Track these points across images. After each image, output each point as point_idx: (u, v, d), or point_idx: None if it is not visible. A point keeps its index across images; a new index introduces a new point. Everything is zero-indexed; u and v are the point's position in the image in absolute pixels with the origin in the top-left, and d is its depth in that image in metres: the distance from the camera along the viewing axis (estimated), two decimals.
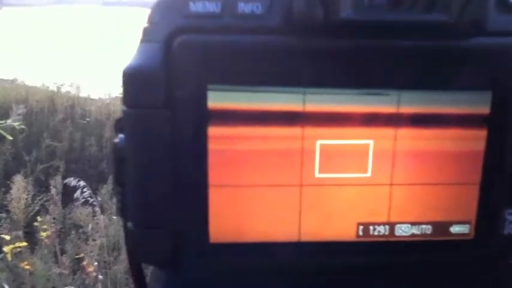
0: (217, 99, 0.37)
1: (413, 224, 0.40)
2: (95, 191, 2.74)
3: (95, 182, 3.02)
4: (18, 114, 3.33)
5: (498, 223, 0.41)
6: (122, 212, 0.42)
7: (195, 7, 0.36)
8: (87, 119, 3.96)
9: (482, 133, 0.39)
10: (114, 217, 2.58)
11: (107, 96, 4.37)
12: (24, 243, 2.41)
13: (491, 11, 0.36)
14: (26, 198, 2.71)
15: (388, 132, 0.38)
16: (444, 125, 0.39)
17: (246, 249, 0.40)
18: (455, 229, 0.41)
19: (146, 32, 0.37)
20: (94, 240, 2.45)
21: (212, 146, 0.38)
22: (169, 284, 0.43)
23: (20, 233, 2.56)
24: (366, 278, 0.42)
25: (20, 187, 2.69)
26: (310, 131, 0.38)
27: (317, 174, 0.39)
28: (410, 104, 0.38)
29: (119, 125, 0.43)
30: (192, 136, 0.38)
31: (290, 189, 0.39)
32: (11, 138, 2.65)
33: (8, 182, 2.81)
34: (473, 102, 0.38)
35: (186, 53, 0.36)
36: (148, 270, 0.48)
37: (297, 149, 0.38)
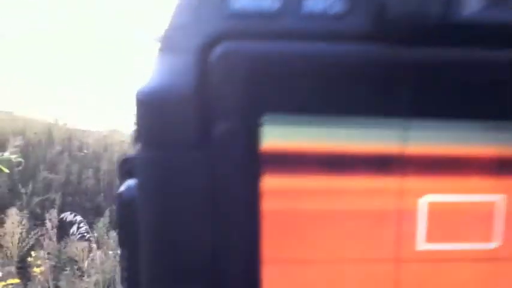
0: (275, 136, 0.24)
1: None
2: (91, 225, 2.64)
3: (92, 216, 2.93)
4: (15, 146, 3.24)
5: None
6: (129, 283, 0.28)
7: (242, 3, 0.23)
8: (85, 151, 3.85)
9: None
10: (110, 252, 2.48)
11: (104, 129, 4.27)
12: (17, 280, 2.31)
13: None
14: (21, 233, 2.62)
15: None
16: None
17: None
18: None
19: (169, 40, 0.24)
20: (89, 276, 2.35)
21: (267, 204, 0.25)
22: None
23: (13, 268, 2.45)
24: None
25: (14, 221, 2.61)
26: (412, 183, 0.25)
27: (421, 246, 0.26)
28: None
29: (126, 168, 0.30)
30: (238, 189, 0.24)
31: (381, 267, 0.26)
32: (7, 171, 2.53)
33: (2, 216, 2.71)
34: None
35: (229, 67, 0.23)
36: None
37: (393, 208, 0.25)
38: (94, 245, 2.45)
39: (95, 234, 2.55)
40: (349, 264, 0.26)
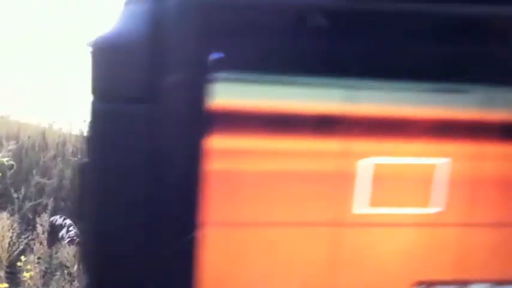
0: (223, 95, 0.24)
1: (495, 284, 0.27)
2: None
3: None
4: (9, 150, 3.25)
5: None
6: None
7: None
8: (79, 156, 3.85)
9: None
10: None
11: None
12: (6, 285, 2.29)
13: None
14: (11, 237, 2.57)
15: (472, 147, 0.25)
16: None
17: None
18: None
19: None
20: (80, 281, 2.34)
21: (211, 164, 0.25)
22: None
23: (2, 273, 2.42)
24: None
25: (4, 225, 2.58)
26: (352, 144, 0.25)
27: (360, 209, 0.26)
28: (507, 106, 0.25)
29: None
30: (182, 146, 0.25)
31: (319, 231, 0.26)
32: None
33: None
34: None
35: (184, 18, 0.23)
36: None
37: (332, 170, 0.25)
38: None
39: None
40: (288, 227, 0.26)
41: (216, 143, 0.25)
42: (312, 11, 0.24)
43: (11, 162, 2.71)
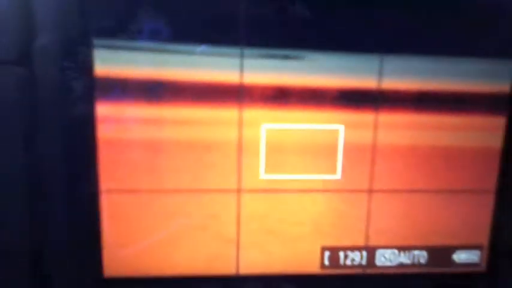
0: (107, 60, 0.24)
1: (400, 249, 0.28)
2: None
3: None
4: None
5: None
6: None
7: None
8: None
9: (500, 121, 0.27)
10: None
11: None
12: None
13: None
14: None
15: (365, 115, 0.26)
16: (445, 108, 0.27)
17: (156, 285, 0.27)
18: (459, 257, 0.28)
19: None
20: None
21: (101, 132, 0.25)
22: None
23: None
24: None
25: None
26: (251, 112, 0.25)
27: (262, 176, 0.26)
28: (397, 75, 0.26)
29: None
30: (62, 112, 0.24)
31: (223, 197, 0.26)
32: None
33: None
34: (489, 76, 0.26)
35: None
36: None
37: (233, 138, 0.26)
38: None
39: None
40: (189, 194, 0.26)
41: (103, 110, 0.25)
42: None
43: None
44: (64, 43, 0.23)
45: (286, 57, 0.25)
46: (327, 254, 0.28)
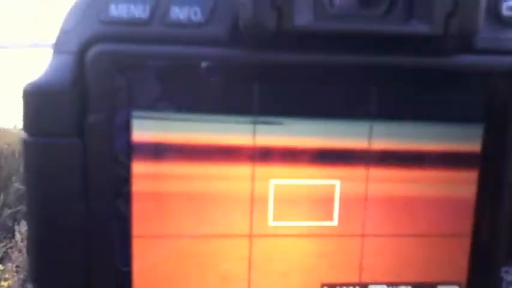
0: (144, 128, 0.30)
1: (390, 285, 0.33)
2: None
3: None
4: None
5: (493, 284, 0.33)
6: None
7: (117, 11, 0.29)
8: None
9: (473, 175, 0.32)
10: None
11: None
12: None
13: (482, 24, 0.29)
14: None
15: (357, 172, 0.31)
16: (427, 164, 0.32)
17: None
18: None
19: (57, 42, 0.30)
20: None
21: (136, 187, 0.30)
22: None
23: None
24: None
25: None
26: (261, 169, 0.31)
27: (271, 223, 0.31)
28: (385, 137, 0.31)
29: None
30: (110, 174, 0.30)
31: (237, 241, 0.31)
32: None
33: None
34: (463, 138, 0.31)
35: (102, 66, 0.29)
36: None
37: (246, 191, 0.31)
38: None
39: None
40: (210, 240, 0.31)
41: (142, 169, 0.30)
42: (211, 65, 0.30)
43: None
44: (109, 117, 0.29)
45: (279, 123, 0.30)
46: None
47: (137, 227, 0.30)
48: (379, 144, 0.31)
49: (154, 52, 0.29)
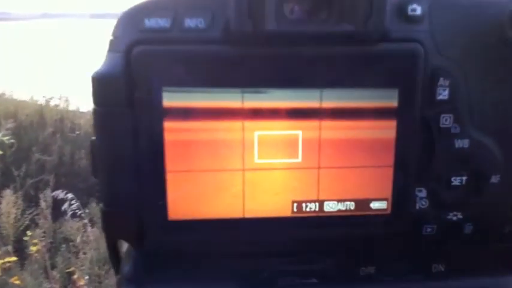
0: (170, 99, 0.47)
1: (339, 201, 0.50)
2: (85, 205, 2.82)
3: (85, 196, 3.08)
4: (7, 129, 3.40)
5: (410, 199, 0.50)
6: (99, 199, 0.52)
7: (149, 23, 0.46)
8: (77, 132, 4.04)
9: (393, 123, 0.49)
10: None
11: None
12: (14, 258, 2.47)
13: (393, 21, 0.46)
14: (16, 213, 2.77)
15: (313, 124, 0.48)
16: (360, 117, 0.48)
17: (200, 225, 0.50)
18: (374, 205, 0.50)
19: (111, 44, 0.48)
20: (85, 253, 2.50)
21: (168, 137, 0.48)
22: (136, 258, 0.52)
23: (10, 248, 2.61)
24: (302, 249, 0.51)
25: (9, 201, 2.75)
26: (248, 124, 0.48)
27: (256, 160, 0.49)
28: (331, 99, 0.48)
29: None
30: (151, 130, 0.47)
31: (234, 173, 0.49)
32: (0, 152, 2.73)
33: None
34: (384, 98, 0.48)
35: (142, 61, 0.46)
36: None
37: (239, 139, 0.48)
38: (88, 223, 2.61)
39: (87, 211, 2.71)
40: (216, 172, 0.49)
41: (170, 125, 0.48)
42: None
43: (11, 140, 2.90)
44: (147, 93, 0.46)
45: None
46: (295, 205, 0.50)
47: (169, 165, 0.48)
48: (327, 104, 0.48)
49: (175, 50, 0.46)
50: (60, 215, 2.82)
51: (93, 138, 0.51)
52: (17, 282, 2.32)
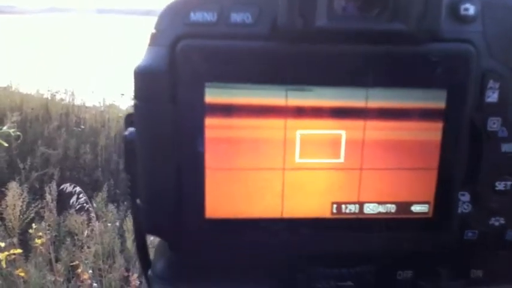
0: (213, 95, 0.45)
1: (379, 203, 0.48)
2: (89, 199, 2.80)
3: (90, 190, 3.08)
4: (13, 122, 3.39)
5: (453, 203, 0.49)
6: (130, 195, 0.50)
7: (195, 17, 0.44)
8: (82, 127, 4.03)
9: (439, 125, 0.47)
10: (109, 224, 2.65)
11: (101, 104, 4.44)
12: (19, 250, 2.44)
13: (445, 21, 0.45)
14: (21, 206, 2.74)
15: (358, 123, 0.46)
16: (406, 117, 0.47)
17: (237, 224, 0.48)
18: (416, 208, 0.49)
19: (153, 38, 0.46)
20: (89, 247, 2.49)
21: (209, 134, 0.46)
22: (170, 255, 0.51)
23: (15, 240, 2.59)
24: (339, 252, 0.50)
25: (15, 194, 2.73)
26: (291, 122, 0.46)
27: (297, 160, 0.47)
28: (377, 99, 0.46)
29: (129, 120, 0.51)
30: (192, 126, 0.46)
31: (275, 172, 0.47)
32: (6, 145, 2.71)
33: (3, 189, 2.85)
34: (432, 99, 0.47)
35: (187, 55, 0.44)
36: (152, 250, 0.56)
37: (281, 137, 0.47)
38: (93, 217, 2.60)
39: (94, 206, 2.70)
40: (256, 171, 0.47)
41: (211, 122, 0.46)
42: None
43: (18, 133, 2.89)
44: (190, 88, 0.45)
45: None
46: (334, 206, 0.49)
47: (209, 162, 0.47)
48: (373, 103, 0.46)
49: (220, 45, 0.45)
50: (64, 208, 2.81)
51: (126, 133, 0.49)
52: (22, 274, 2.31)
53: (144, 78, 0.45)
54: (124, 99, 4.26)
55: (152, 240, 1.17)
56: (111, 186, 3.18)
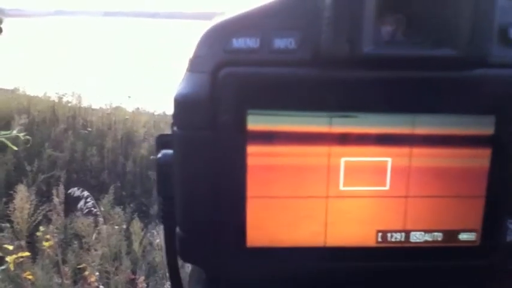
0: (255, 122, 0.43)
1: (426, 231, 0.46)
2: (96, 201, 2.79)
3: (97, 192, 3.07)
4: (21, 125, 3.37)
5: (501, 231, 0.46)
6: (163, 219, 0.48)
7: (237, 43, 0.42)
8: (89, 129, 4.01)
9: (487, 152, 0.45)
10: (116, 227, 2.64)
11: (108, 106, 4.43)
12: (27, 253, 2.42)
13: (494, 46, 0.42)
14: (29, 208, 2.73)
15: (404, 150, 0.44)
16: (453, 144, 0.45)
17: (279, 253, 0.46)
18: (463, 236, 0.46)
19: (193, 63, 0.43)
20: (96, 250, 2.48)
21: (250, 162, 0.44)
22: (207, 284, 0.48)
23: (23, 242, 2.58)
24: (384, 281, 0.47)
25: (23, 197, 2.72)
26: (335, 149, 0.44)
27: (341, 187, 0.45)
28: (424, 126, 0.44)
29: (161, 141, 0.49)
30: (233, 154, 0.43)
31: (318, 200, 0.45)
32: (15, 148, 2.69)
33: (10, 192, 2.84)
34: (479, 125, 0.44)
35: (229, 83, 0.42)
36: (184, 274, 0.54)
37: (324, 165, 0.44)
38: (101, 220, 2.59)
39: (102, 209, 2.69)
40: (299, 199, 0.45)
41: (253, 149, 0.44)
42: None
43: (27, 136, 2.86)
44: (232, 115, 0.42)
45: None
46: (379, 234, 0.46)
47: (250, 190, 0.44)
48: (420, 130, 0.44)
49: (263, 72, 0.42)
50: (71, 210, 2.79)
51: (160, 155, 0.47)
52: (29, 277, 2.30)
53: (184, 105, 0.43)
54: (130, 101, 4.24)
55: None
56: (117, 188, 3.16)
